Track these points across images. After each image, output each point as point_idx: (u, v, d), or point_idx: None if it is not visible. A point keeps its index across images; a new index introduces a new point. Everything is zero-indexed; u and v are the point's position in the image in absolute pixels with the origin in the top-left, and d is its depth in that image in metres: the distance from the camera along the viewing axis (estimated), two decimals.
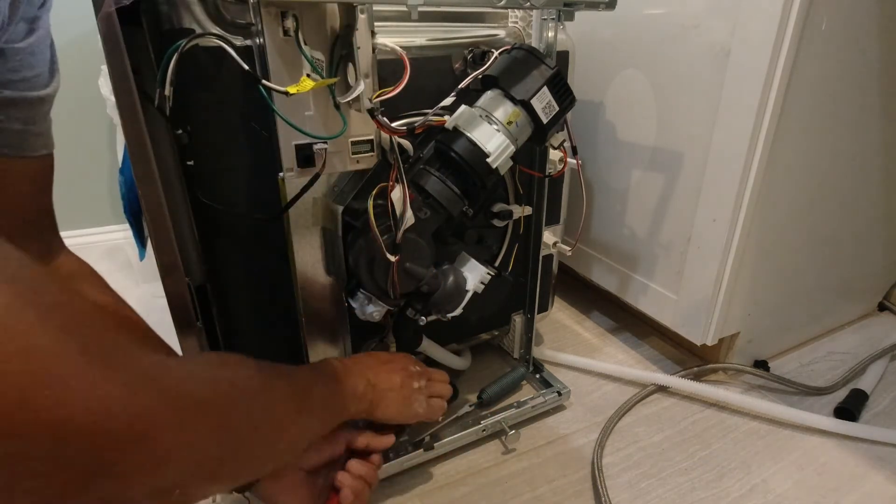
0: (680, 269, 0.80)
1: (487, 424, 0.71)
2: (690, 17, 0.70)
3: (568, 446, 0.73)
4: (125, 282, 1.09)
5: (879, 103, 0.77)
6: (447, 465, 0.69)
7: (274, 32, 0.44)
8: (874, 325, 1.01)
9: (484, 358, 0.87)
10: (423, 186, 0.53)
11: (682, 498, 0.65)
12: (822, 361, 0.91)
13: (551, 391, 0.78)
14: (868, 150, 0.81)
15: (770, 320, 0.87)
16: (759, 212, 0.71)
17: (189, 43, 0.43)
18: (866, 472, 0.69)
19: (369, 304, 0.58)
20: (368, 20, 0.46)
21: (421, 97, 0.56)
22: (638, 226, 0.87)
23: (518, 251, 0.73)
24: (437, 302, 0.58)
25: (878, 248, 0.96)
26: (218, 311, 0.57)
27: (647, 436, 0.74)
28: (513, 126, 0.53)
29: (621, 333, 0.99)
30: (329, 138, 0.49)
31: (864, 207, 0.87)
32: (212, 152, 0.50)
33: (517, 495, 0.65)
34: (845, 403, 0.78)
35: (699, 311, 0.79)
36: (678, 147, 0.77)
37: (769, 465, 0.70)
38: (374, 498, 0.64)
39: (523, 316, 0.80)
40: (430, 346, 0.69)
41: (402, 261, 0.54)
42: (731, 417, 0.78)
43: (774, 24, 0.60)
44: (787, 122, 0.66)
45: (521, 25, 0.64)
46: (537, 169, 0.67)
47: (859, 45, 0.70)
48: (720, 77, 0.68)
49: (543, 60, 0.53)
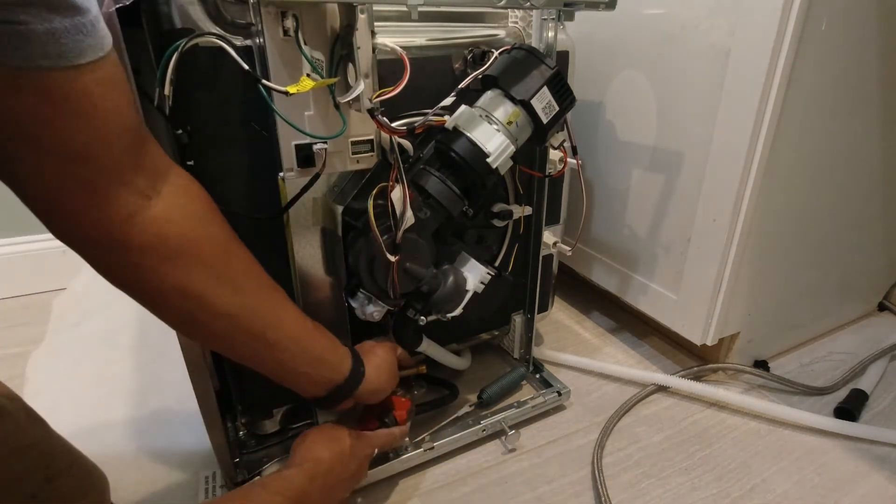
0: (680, 269, 0.80)
1: (487, 424, 0.71)
2: (690, 17, 0.70)
3: (568, 446, 0.73)
4: None
5: (879, 103, 0.77)
6: (447, 465, 0.69)
7: (274, 32, 0.44)
8: (874, 325, 1.01)
9: (484, 358, 0.87)
10: (423, 186, 0.53)
11: (682, 498, 0.65)
12: (823, 361, 0.91)
13: (551, 391, 0.78)
14: (868, 149, 0.81)
15: (770, 320, 0.87)
16: (759, 212, 0.71)
17: (189, 43, 0.44)
18: (866, 472, 0.69)
19: (369, 304, 0.58)
20: (368, 20, 0.46)
21: (421, 97, 0.56)
22: (638, 226, 0.87)
23: (518, 251, 0.73)
24: (437, 302, 0.58)
25: (878, 249, 0.96)
26: None
27: (647, 436, 0.74)
28: (513, 126, 0.53)
29: (621, 333, 0.99)
30: (329, 138, 0.50)
31: (864, 207, 0.87)
32: (212, 152, 0.50)
33: (517, 495, 0.65)
34: (845, 403, 0.78)
35: (699, 311, 0.79)
36: (678, 147, 0.77)
37: (769, 465, 0.70)
38: (374, 498, 0.65)
39: (523, 316, 0.80)
40: (430, 346, 0.69)
41: (402, 261, 0.54)
42: (731, 417, 0.78)
43: (774, 24, 0.60)
44: (787, 122, 0.66)
45: (521, 25, 0.64)
46: (537, 169, 0.67)
47: (859, 45, 0.70)
48: (720, 77, 0.68)
49: (543, 60, 0.53)
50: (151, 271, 0.40)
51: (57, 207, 0.36)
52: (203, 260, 0.42)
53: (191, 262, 0.41)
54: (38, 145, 0.33)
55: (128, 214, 0.38)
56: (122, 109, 0.36)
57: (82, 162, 0.35)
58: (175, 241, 0.40)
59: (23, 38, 0.29)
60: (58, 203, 0.36)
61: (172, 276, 0.41)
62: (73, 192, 0.35)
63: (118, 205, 0.37)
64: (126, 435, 0.73)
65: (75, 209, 0.36)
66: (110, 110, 0.35)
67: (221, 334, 0.45)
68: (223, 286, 0.43)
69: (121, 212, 0.37)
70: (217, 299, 0.43)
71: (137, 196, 0.38)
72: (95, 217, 0.37)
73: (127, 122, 0.36)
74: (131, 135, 0.37)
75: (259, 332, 0.46)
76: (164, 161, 0.41)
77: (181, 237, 0.40)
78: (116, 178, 0.37)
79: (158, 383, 0.83)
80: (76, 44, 0.31)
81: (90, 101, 0.33)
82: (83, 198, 0.36)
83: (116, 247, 0.38)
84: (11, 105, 0.31)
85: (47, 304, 1.05)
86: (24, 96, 0.31)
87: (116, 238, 0.38)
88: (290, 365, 0.50)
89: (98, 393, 0.81)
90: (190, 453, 0.69)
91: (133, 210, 0.38)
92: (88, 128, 0.34)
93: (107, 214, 0.37)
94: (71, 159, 0.34)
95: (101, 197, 0.36)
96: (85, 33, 0.31)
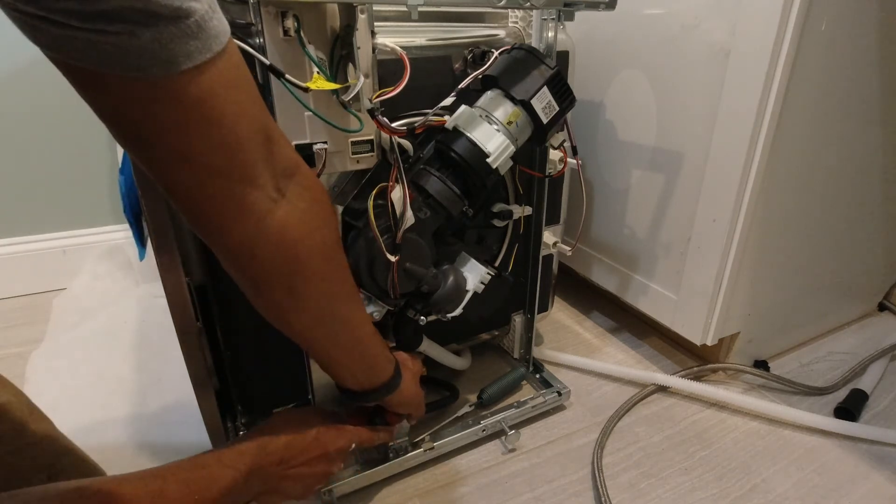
0: (680, 269, 0.80)
1: (487, 424, 0.71)
2: (690, 17, 0.70)
3: (568, 446, 0.73)
4: (125, 282, 1.09)
5: (879, 103, 0.77)
6: (447, 465, 0.69)
7: (274, 32, 0.44)
8: (874, 325, 1.01)
9: (484, 358, 0.87)
10: (423, 186, 0.53)
11: (682, 498, 0.65)
12: (823, 361, 0.91)
13: (551, 391, 0.78)
14: (868, 149, 0.81)
15: (770, 320, 0.87)
16: (759, 212, 0.71)
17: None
18: (866, 472, 0.69)
19: (369, 304, 0.57)
20: (368, 20, 0.46)
21: (421, 97, 0.56)
22: (638, 226, 0.87)
23: (518, 251, 0.73)
24: (437, 302, 0.58)
25: (878, 248, 0.96)
26: (218, 311, 0.58)
27: (647, 436, 0.74)
28: (513, 126, 0.53)
29: (621, 333, 0.99)
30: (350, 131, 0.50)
31: (865, 207, 0.87)
32: None
33: (517, 495, 0.65)
34: (845, 403, 0.78)
35: (699, 311, 0.79)
36: (678, 147, 0.77)
37: (769, 465, 0.70)
38: (374, 498, 0.65)
39: (523, 316, 0.80)
40: (430, 346, 0.69)
41: (402, 261, 0.54)
42: (731, 417, 0.78)
43: (774, 24, 0.60)
44: (787, 122, 0.66)
45: (521, 25, 0.64)
46: (537, 169, 0.67)
47: (859, 45, 0.70)
48: (720, 77, 0.68)
49: (543, 60, 0.53)
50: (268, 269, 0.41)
51: (201, 216, 0.37)
52: (312, 265, 0.43)
53: (301, 267, 0.42)
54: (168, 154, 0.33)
55: (257, 220, 0.38)
56: (248, 109, 0.35)
57: (217, 168, 0.35)
58: (291, 246, 0.41)
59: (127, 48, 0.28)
60: (201, 212, 0.37)
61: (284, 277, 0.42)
62: (212, 201, 0.36)
63: (250, 211, 0.37)
64: (126, 435, 0.73)
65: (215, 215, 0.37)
66: (237, 112, 0.34)
67: (300, 329, 0.47)
68: (321, 289, 0.45)
69: (252, 217, 0.38)
70: (312, 301, 0.45)
71: (266, 199, 0.38)
72: (231, 225, 0.38)
73: (256, 123, 0.36)
74: (261, 135, 0.37)
75: (335, 332, 0.48)
76: (293, 159, 0.41)
77: (296, 242, 0.41)
78: (249, 182, 0.37)
79: (158, 383, 0.83)
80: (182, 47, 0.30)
81: (214, 103, 0.33)
82: (221, 205, 0.36)
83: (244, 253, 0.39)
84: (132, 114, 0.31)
85: (47, 304, 1.05)
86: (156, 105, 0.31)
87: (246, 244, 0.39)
88: (344, 361, 0.51)
89: (98, 393, 0.81)
90: (190, 453, 0.69)
91: (262, 214, 0.38)
92: (216, 135, 0.33)
93: (242, 220, 0.38)
94: (205, 166, 0.34)
95: (237, 203, 0.37)
96: (191, 35, 0.30)
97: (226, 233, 0.38)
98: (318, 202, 0.43)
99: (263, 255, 0.40)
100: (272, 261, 0.40)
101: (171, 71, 0.30)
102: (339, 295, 0.47)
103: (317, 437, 0.53)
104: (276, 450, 0.49)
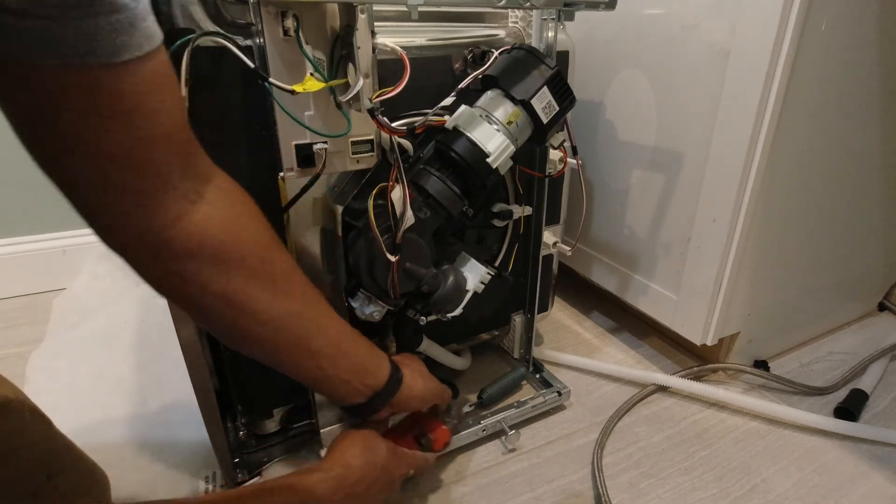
0: (680, 269, 0.80)
1: (487, 424, 0.71)
2: (690, 17, 0.70)
3: (568, 446, 0.73)
4: (125, 282, 1.09)
5: (880, 103, 0.77)
6: (447, 465, 0.69)
7: (274, 32, 0.44)
8: (874, 325, 1.01)
9: (484, 358, 0.87)
10: (423, 186, 0.53)
11: (682, 498, 0.65)
12: (823, 361, 0.91)
13: (551, 391, 0.78)
14: (868, 149, 0.81)
15: (770, 320, 0.87)
16: (759, 212, 0.71)
17: (196, 41, 0.43)
18: (866, 472, 0.69)
19: (369, 304, 0.58)
20: (368, 20, 0.46)
21: (421, 97, 0.56)
22: (638, 226, 0.87)
23: (518, 251, 0.73)
24: (437, 302, 0.58)
25: (878, 248, 0.96)
26: None
27: (647, 436, 0.74)
28: (513, 126, 0.53)
29: (621, 333, 0.99)
30: (334, 136, 0.50)
31: (865, 207, 0.87)
32: (211, 152, 0.50)
33: (517, 495, 0.65)
34: (845, 403, 0.78)
35: (699, 311, 0.79)
36: (678, 147, 0.77)
37: (769, 465, 0.70)
38: None
39: (523, 316, 0.80)
40: (430, 346, 0.69)
41: (402, 261, 0.54)
42: (731, 417, 0.78)
43: (774, 24, 0.60)
44: (786, 123, 0.66)
45: (521, 25, 0.64)
46: (537, 169, 0.67)
47: (859, 45, 0.70)
48: (720, 77, 0.68)
49: (543, 60, 0.53)
50: (194, 277, 0.39)
51: (102, 211, 0.35)
52: (244, 265, 0.41)
53: (232, 267, 0.41)
54: (85, 146, 0.32)
55: (172, 219, 0.37)
56: (170, 111, 0.35)
57: (129, 165, 0.34)
58: (216, 246, 0.39)
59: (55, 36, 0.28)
60: (103, 206, 0.35)
61: (215, 282, 0.40)
62: (118, 196, 0.35)
63: (164, 210, 0.36)
64: (126, 435, 0.73)
65: (121, 213, 0.35)
66: (158, 111, 0.34)
67: (264, 341, 0.45)
68: (265, 291, 0.43)
69: (166, 217, 0.36)
70: (259, 305, 0.43)
71: (183, 200, 0.37)
72: (140, 222, 0.36)
73: (175, 124, 0.35)
74: (179, 137, 0.36)
75: (302, 338, 0.46)
76: (209, 165, 0.40)
77: (223, 242, 0.39)
78: (164, 182, 0.36)
79: (158, 383, 0.83)
80: (111, 40, 0.30)
81: (136, 100, 0.32)
82: (129, 202, 0.35)
83: (160, 253, 0.37)
84: (58, 104, 0.30)
85: (47, 304, 1.05)
86: (69, 96, 0.30)
87: (160, 244, 0.37)
88: (330, 372, 0.49)
89: (98, 393, 0.81)
90: (190, 453, 0.69)
91: (178, 215, 0.37)
92: (135, 129, 0.33)
93: (152, 220, 0.36)
94: (117, 162, 0.33)
95: (147, 201, 0.35)
96: (121, 31, 0.30)
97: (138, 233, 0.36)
98: (241, 203, 0.42)
99: (184, 255, 0.38)
100: (196, 262, 0.39)
101: (102, 60, 0.30)
102: (291, 296, 0.45)
103: (384, 466, 0.52)
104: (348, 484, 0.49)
